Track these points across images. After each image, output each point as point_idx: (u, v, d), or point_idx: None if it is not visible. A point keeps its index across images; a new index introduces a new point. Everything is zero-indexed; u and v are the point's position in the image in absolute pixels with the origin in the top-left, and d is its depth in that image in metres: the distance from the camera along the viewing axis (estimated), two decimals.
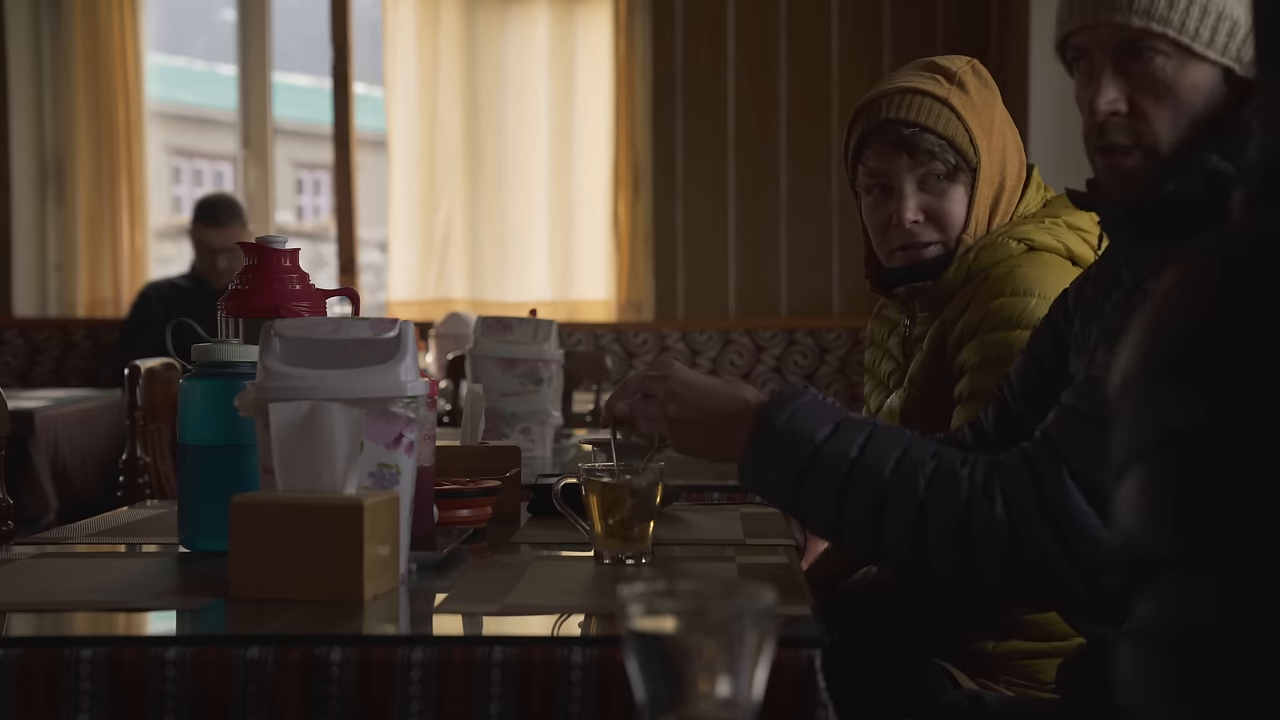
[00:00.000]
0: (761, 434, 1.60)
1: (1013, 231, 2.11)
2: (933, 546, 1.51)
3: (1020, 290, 2.03)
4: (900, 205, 2.11)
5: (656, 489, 1.74)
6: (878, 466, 1.54)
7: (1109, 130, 1.57)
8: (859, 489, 1.54)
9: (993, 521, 1.48)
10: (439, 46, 6.05)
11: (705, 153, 5.98)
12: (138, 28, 6.09)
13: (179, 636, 1.44)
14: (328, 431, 1.53)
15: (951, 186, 2.12)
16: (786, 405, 1.60)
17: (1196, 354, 0.73)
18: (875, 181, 2.15)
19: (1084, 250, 2.10)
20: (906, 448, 1.55)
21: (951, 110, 2.10)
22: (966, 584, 1.52)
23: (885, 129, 2.11)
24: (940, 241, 2.13)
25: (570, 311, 6.02)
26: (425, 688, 1.33)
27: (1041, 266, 2.06)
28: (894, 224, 2.12)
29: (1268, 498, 0.70)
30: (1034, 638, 2.01)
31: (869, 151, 2.14)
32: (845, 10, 5.93)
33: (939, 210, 2.12)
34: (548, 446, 2.88)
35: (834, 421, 1.58)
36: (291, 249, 1.99)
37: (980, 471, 1.51)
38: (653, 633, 0.88)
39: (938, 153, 2.10)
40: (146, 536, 2.01)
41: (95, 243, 6.07)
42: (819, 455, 1.56)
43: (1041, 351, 1.82)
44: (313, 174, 10.21)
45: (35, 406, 4.26)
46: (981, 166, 2.11)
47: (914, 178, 2.11)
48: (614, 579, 1.65)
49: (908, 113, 2.09)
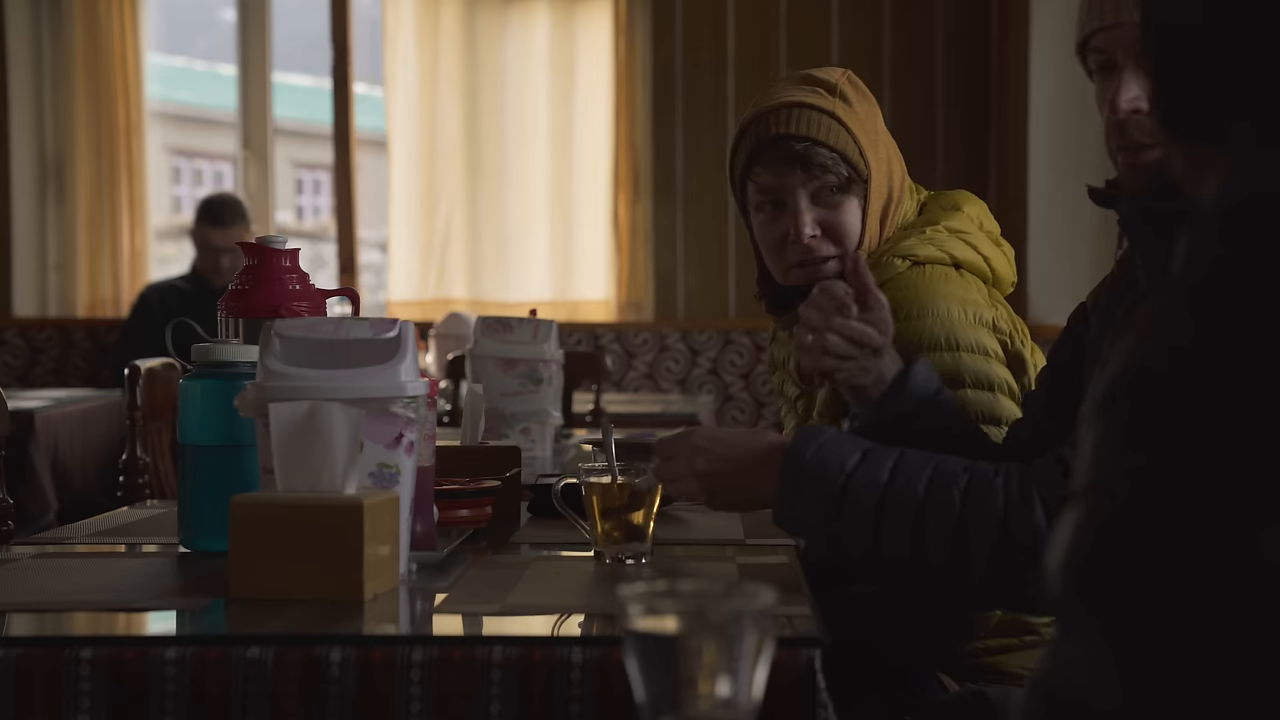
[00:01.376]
0: (791, 470, 1.62)
1: (895, 249, 2.09)
2: (975, 558, 1.52)
3: (913, 313, 2.01)
4: (797, 221, 2.08)
5: (656, 489, 1.75)
6: (911, 486, 1.55)
7: (1130, 128, 1.58)
8: (896, 510, 1.56)
9: (1032, 528, 1.50)
10: (439, 46, 6.05)
11: (705, 153, 5.98)
12: (138, 28, 6.09)
13: (179, 636, 1.44)
14: (328, 431, 1.53)
15: (845, 199, 2.10)
16: (812, 440, 1.62)
17: (1156, 402, 0.71)
18: (767, 198, 2.11)
19: (967, 254, 2.09)
20: (937, 465, 1.56)
21: (839, 123, 2.08)
22: (1008, 595, 1.54)
23: (776, 144, 2.08)
24: (838, 256, 2.11)
25: (570, 311, 6.02)
26: (425, 688, 1.33)
27: (927, 283, 2.04)
28: (791, 239, 2.09)
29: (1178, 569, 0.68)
30: (1005, 634, 2.01)
31: (759, 168, 2.10)
32: (845, 10, 5.93)
33: (835, 224, 2.10)
34: (548, 446, 2.88)
35: (861, 450, 1.60)
36: (291, 249, 1.99)
37: (1015, 479, 1.52)
38: (653, 633, 0.88)
39: (830, 166, 2.07)
40: (146, 536, 2.01)
41: (95, 243, 6.07)
42: (851, 483, 1.58)
43: (1064, 360, 1.82)
44: (313, 174, 10.21)
45: (35, 406, 4.26)
46: (872, 178, 2.10)
47: (807, 192, 2.08)
48: (614, 579, 1.66)
49: (798, 127, 2.06)
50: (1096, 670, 0.69)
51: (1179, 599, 0.67)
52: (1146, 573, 0.68)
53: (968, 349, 1.98)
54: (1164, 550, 0.68)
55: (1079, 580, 0.71)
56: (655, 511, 1.75)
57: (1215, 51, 0.83)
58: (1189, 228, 0.77)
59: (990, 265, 2.12)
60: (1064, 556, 0.73)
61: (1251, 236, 0.72)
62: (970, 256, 2.10)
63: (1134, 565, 0.69)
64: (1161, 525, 0.69)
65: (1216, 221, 0.75)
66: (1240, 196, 0.75)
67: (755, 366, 5.95)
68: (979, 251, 2.11)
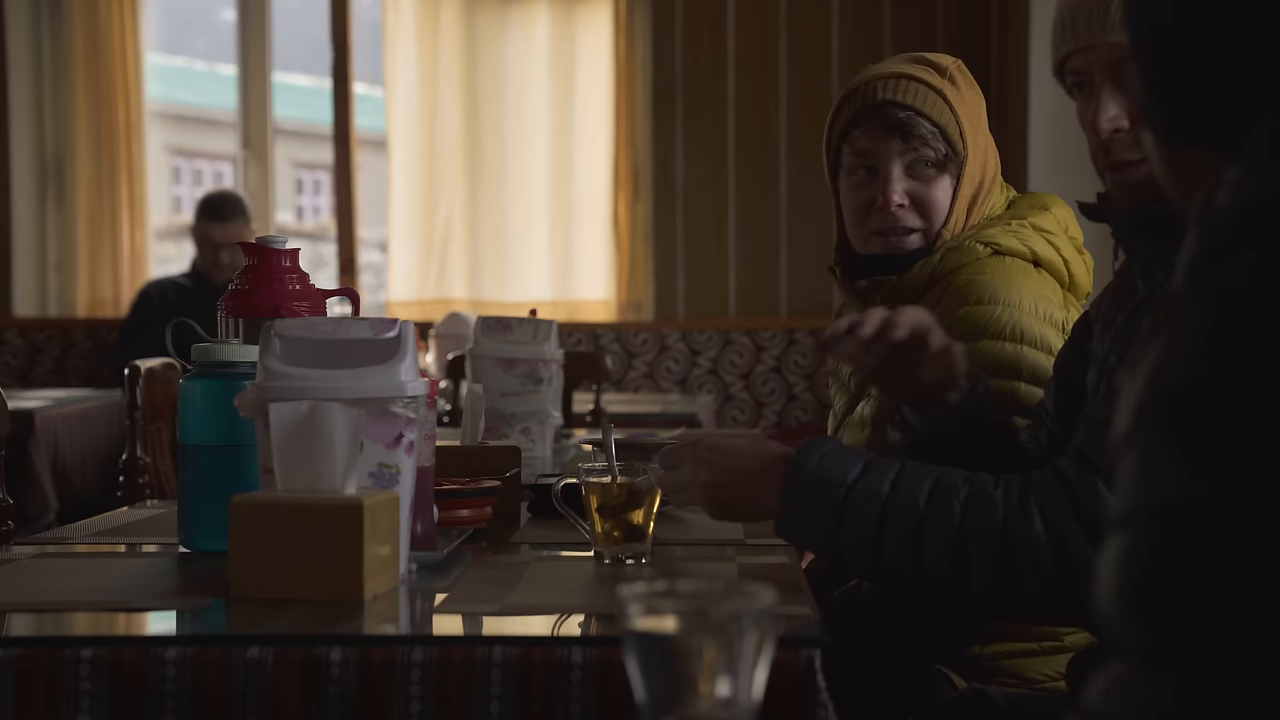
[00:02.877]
0: (794, 482, 1.62)
1: (979, 235, 2.10)
2: (975, 570, 1.53)
3: (985, 299, 2.02)
4: (886, 187, 2.10)
5: (656, 489, 1.74)
6: (912, 497, 1.55)
7: (1115, 147, 1.60)
8: (896, 521, 1.56)
9: (1032, 539, 1.50)
10: (439, 46, 6.05)
11: (705, 153, 5.98)
12: (138, 28, 6.09)
13: (179, 636, 1.44)
14: (328, 431, 1.53)
15: (938, 175, 2.11)
16: (814, 452, 1.62)
17: (1190, 415, 0.69)
18: (861, 162, 2.13)
19: (1048, 253, 2.10)
20: (938, 477, 1.57)
21: (945, 101, 2.10)
22: (1009, 604, 1.54)
23: (879, 111, 2.09)
24: (921, 230, 2.12)
25: (570, 311, 6.02)
26: (425, 688, 1.33)
27: (1005, 273, 2.05)
28: (878, 205, 2.11)
29: (1255, 587, 0.64)
30: (1023, 638, 2.01)
31: (859, 132, 2.12)
32: (845, 10, 5.93)
33: (924, 197, 2.11)
34: (548, 446, 2.88)
35: (863, 461, 1.60)
36: (291, 249, 1.99)
37: (1015, 491, 1.53)
38: (653, 633, 0.88)
39: (929, 140, 2.09)
40: (146, 536, 2.01)
41: (95, 243, 6.07)
42: (853, 494, 1.58)
43: (1069, 372, 1.82)
44: (313, 174, 10.20)
45: (35, 406, 4.26)
46: (968, 161, 2.11)
47: (903, 162, 2.10)
48: (614, 579, 1.66)
49: (904, 96, 2.08)
50: (1180, 708, 0.65)
51: (1263, 621, 0.64)
52: (1224, 599, 0.65)
53: (1031, 343, 1.98)
54: (1237, 570, 0.65)
55: (1148, 612, 0.68)
56: (655, 511, 1.75)
57: (1211, 53, 0.82)
58: (1199, 230, 0.76)
59: (1069, 269, 2.12)
60: (1120, 587, 0.70)
61: (1275, 234, 0.71)
62: (1050, 256, 2.10)
63: (1208, 591, 0.65)
64: (1232, 544, 0.65)
65: (1231, 221, 0.74)
66: (1259, 195, 0.74)
67: (755, 366, 5.95)
68: (1060, 253, 2.11)
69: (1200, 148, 0.85)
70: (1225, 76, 0.81)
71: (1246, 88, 0.80)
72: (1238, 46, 0.80)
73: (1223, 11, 0.81)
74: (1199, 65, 0.83)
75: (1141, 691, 0.67)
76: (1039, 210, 2.15)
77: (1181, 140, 0.87)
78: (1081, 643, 1.94)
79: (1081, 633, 1.91)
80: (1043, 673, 2.01)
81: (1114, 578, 0.70)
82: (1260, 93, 0.79)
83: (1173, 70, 0.85)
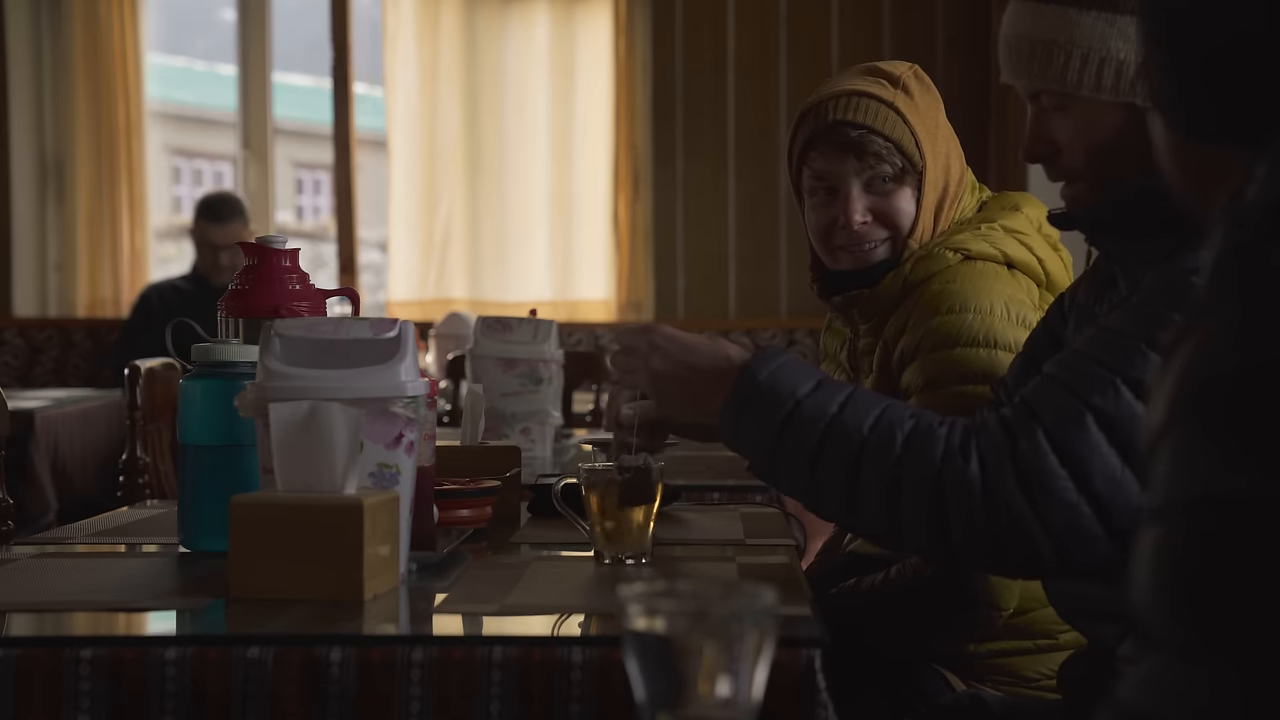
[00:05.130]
0: (743, 388, 1.60)
1: (948, 241, 2.09)
2: (905, 506, 1.50)
3: (955, 307, 2.01)
4: (847, 207, 2.09)
5: (656, 489, 1.74)
6: (857, 424, 1.54)
7: (1048, 172, 1.67)
8: (836, 445, 1.54)
9: (966, 481, 1.47)
10: (439, 46, 6.05)
11: (705, 153, 5.98)
12: (138, 28, 6.09)
13: (179, 636, 1.44)
14: (328, 431, 1.53)
15: (898, 188, 2.10)
16: (769, 361, 1.60)
17: (1225, 409, 0.68)
18: (820, 184, 2.13)
19: (1021, 254, 2.09)
20: (887, 407, 1.55)
21: (897, 114, 2.08)
22: (934, 545, 1.51)
23: (832, 131, 2.09)
24: (889, 239, 2.12)
25: (570, 311, 6.02)
26: (425, 688, 1.33)
27: (976, 279, 2.04)
28: (840, 225, 2.11)
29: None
30: (1019, 637, 2.01)
31: (815, 154, 2.12)
32: (845, 10, 5.93)
33: (886, 209, 2.10)
34: (548, 446, 2.88)
35: (816, 379, 1.58)
36: (291, 249, 1.99)
37: (959, 432, 1.51)
38: (653, 633, 0.88)
39: (884, 155, 2.08)
40: (146, 536, 2.01)
41: (95, 243, 6.07)
42: (799, 410, 1.56)
43: (1039, 355, 1.82)
44: (313, 174, 10.20)
45: (35, 406, 4.26)
46: (927, 170, 2.10)
47: (860, 180, 2.10)
48: (614, 579, 1.66)
49: (855, 115, 2.07)
50: (1217, 707, 0.64)
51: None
52: (1263, 595, 0.64)
53: (1005, 348, 1.98)
54: (1276, 566, 0.64)
55: (1184, 607, 0.67)
56: (655, 511, 1.75)
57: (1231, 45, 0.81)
58: (1227, 225, 0.75)
59: (1045, 267, 2.11)
60: (1156, 582, 0.69)
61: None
62: (1024, 256, 2.09)
63: (1245, 587, 0.65)
64: (1273, 539, 0.65)
65: (1260, 215, 0.73)
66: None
67: None
68: (1034, 253, 2.10)
69: (1221, 144, 0.84)
70: (1250, 71, 0.80)
71: (1274, 84, 0.79)
72: (1264, 41, 0.79)
73: (1245, 3, 0.80)
74: (1218, 56, 0.82)
75: (1179, 686, 0.67)
76: (1010, 211, 2.14)
77: (1199, 135, 0.86)
78: (1076, 642, 1.93)
79: (1075, 632, 1.91)
80: (1038, 671, 2.01)
81: (1149, 572, 0.70)
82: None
83: (1188, 59, 0.84)
